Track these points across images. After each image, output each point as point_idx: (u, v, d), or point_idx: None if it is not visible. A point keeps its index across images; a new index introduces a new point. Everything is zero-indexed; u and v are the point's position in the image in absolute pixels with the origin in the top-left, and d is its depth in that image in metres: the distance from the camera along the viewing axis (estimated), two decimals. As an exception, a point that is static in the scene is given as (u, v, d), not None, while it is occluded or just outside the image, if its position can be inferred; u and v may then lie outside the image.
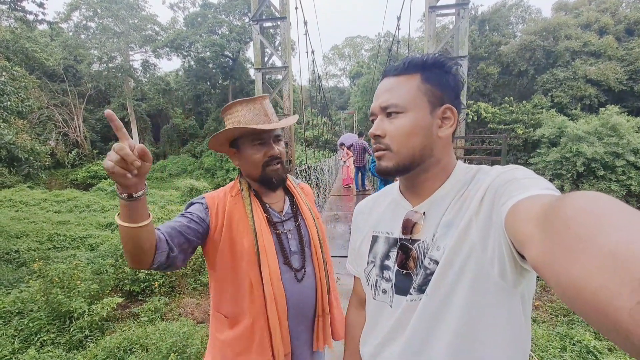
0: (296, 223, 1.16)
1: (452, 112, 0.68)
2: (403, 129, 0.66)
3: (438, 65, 0.68)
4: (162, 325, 3.67)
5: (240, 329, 1.03)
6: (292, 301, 1.06)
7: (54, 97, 22.16)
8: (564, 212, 0.35)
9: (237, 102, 1.09)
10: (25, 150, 6.02)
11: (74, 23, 24.34)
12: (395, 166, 0.68)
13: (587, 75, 18.56)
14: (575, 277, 0.30)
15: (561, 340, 3.33)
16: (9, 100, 6.08)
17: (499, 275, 0.56)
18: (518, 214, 0.46)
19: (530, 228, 0.41)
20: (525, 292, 0.61)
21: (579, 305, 0.30)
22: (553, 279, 0.34)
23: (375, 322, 0.76)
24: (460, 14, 4.79)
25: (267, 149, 1.08)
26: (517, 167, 0.59)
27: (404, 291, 0.68)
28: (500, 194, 0.54)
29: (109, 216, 10.98)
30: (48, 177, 17.87)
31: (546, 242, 0.37)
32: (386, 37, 37.80)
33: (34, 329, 3.71)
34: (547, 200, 0.42)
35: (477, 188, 0.62)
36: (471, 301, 0.59)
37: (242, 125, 1.04)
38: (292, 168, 5.10)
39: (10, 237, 7.60)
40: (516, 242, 0.46)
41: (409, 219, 0.70)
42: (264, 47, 5.06)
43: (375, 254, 0.77)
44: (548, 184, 0.50)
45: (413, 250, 0.68)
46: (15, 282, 5.29)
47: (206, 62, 25.57)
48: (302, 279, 1.10)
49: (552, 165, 15.62)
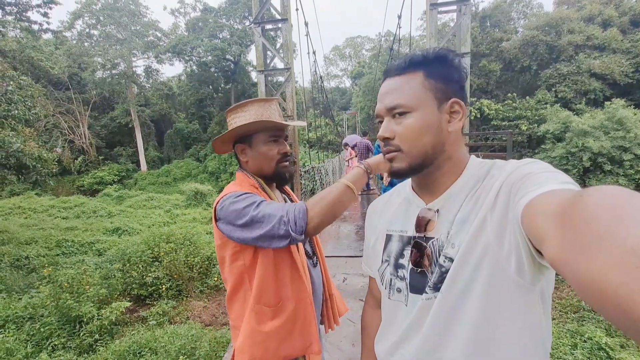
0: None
1: (460, 106, 0.67)
2: (412, 128, 0.65)
3: (440, 59, 0.67)
4: (171, 329, 3.70)
5: (285, 316, 1.07)
6: (314, 285, 1.15)
7: (60, 105, 22.42)
8: (583, 208, 0.35)
9: (253, 100, 1.12)
10: (32, 157, 6.09)
11: (78, 31, 24.64)
12: (408, 167, 0.67)
13: (592, 69, 18.37)
14: (595, 274, 0.30)
15: (572, 337, 3.30)
16: (17, 109, 6.16)
17: (516, 272, 0.55)
18: (535, 209, 0.45)
19: (548, 224, 0.41)
20: (545, 290, 0.60)
21: (598, 302, 0.30)
22: (572, 276, 0.34)
23: (391, 321, 0.76)
24: (461, 11, 4.76)
25: (280, 146, 1.13)
26: (534, 160, 0.58)
27: (419, 290, 0.68)
28: (517, 189, 0.53)
29: (116, 221, 11.07)
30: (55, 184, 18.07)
31: (564, 239, 0.36)
32: (387, 36, 37.74)
33: (45, 333, 3.76)
34: (566, 196, 0.41)
35: (492, 183, 0.61)
36: (488, 299, 0.58)
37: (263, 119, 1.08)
38: (297, 169, 5.10)
39: (20, 243, 7.69)
40: (533, 238, 0.46)
41: (423, 216, 0.69)
42: (266, 49, 5.08)
43: (389, 252, 0.76)
44: (566, 178, 0.49)
45: (427, 248, 0.67)
46: (26, 288, 5.36)
47: (208, 66, 25.71)
48: (316, 265, 1.21)
49: (558, 160, 15.47)
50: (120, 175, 23.19)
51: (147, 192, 18.74)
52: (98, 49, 23.94)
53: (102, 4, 24.14)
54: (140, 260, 5.43)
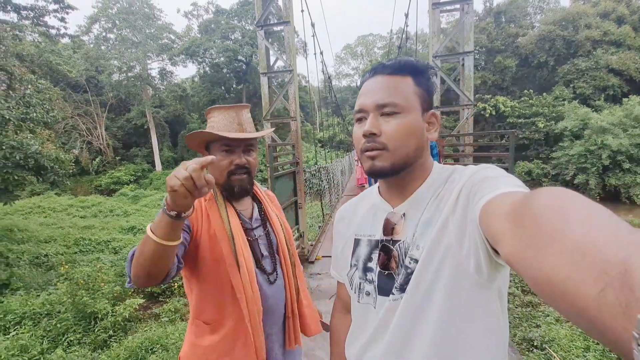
0: (265, 230, 1.19)
1: (436, 118, 0.71)
2: (402, 128, 0.66)
3: (425, 71, 0.70)
4: (182, 326, 3.77)
5: (223, 332, 1.05)
6: (267, 303, 1.09)
7: (78, 107, 23.09)
8: (533, 209, 0.37)
9: (216, 107, 1.12)
10: (50, 159, 6.31)
11: (95, 35, 25.33)
12: (391, 166, 0.67)
13: (609, 65, 17.80)
14: (545, 269, 0.32)
15: (585, 340, 3.21)
16: (35, 112, 6.40)
17: (475, 271, 0.58)
18: (490, 211, 0.48)
19: (502, 224, 0.43)
20: (502, 287, 0.63)
21: (549, 295, 0.32)
22: (525, 272, 0.36)
23: (360, 325, 0.77)
24: (464, 9, 4.70)
25: (234, 157, 1.08)
26: (489, 166, 0.61)
27: (386, 291, 0.69)
28: (474, 193, 0.56)
29: (131, 220, 11.34)
30: (74, 184, 18.65)
31: (517, 238, 0.38)
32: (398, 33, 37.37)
33: (61, 329, 3.88)
34: (517, 198, 0.44)
35: (453, 187, 0.64)
36: (450, 297, 0.61)
37: (215, 131, 1.06)
38: (300, 170, 5.12)
39: (39, 242, 7.98)
40: (490, 238, 0.48)
41: (389, 220, 0.72)
42: (269, 51, 5.13)
43: (357, 257, 0.77)
44: (518, 182, 0.52)
45: (394, 251, 0.69)
46: (45, 285, 5.54)
47: (220, 67, 26.05)
48: (274, 282, 1.14)
49: (576, 158, 15.02)
50: (136, 175, 23.72)
51: (162, 192, 19.13)
52: (114, 52, 24.55)
53: (118, 8, 24.73)
54: (153, 258, 5.55)
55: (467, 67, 4.78)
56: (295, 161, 5.06)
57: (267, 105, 5.14)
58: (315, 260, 5.17)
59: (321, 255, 5.03)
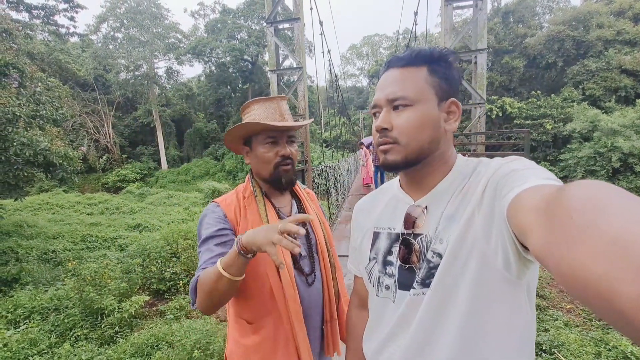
0: (304, 227, 1.12)
1: (457, 106, 0.68)
2: (413, 121, 0.65)
3: (444, 58, 0.67)
4: (187, 323, 3.78)
5: (264, 333, 1.02)
6: (304, 305, 1.04)
7: (86, 106, 23.36)
8: (566, 202, 0.35)
9: (255, 100, 1.09)
10: (59, 156, 6.38)
11: (103, 34, 25.64)
12: (403, 160, 0.67)
13: (622, 65, 17.46)
14: (578, 264, 0.30)
15: (595, 345, 3.15)
16: (45, 109, 6.48)
17: (503, 266, 0.56)
18: (520, 205, 0.46)
19: (532, 218, 0.41)
20: (531, 284, 0.61)
21: (581, 292, 0.30)
22: (555, 268, 0.34)
23: (379, 319, 0.75)
24: (478, 6, 4.66)
25: (279, 148, 1.06)
26: (517, 158, 0.59)
27: (406, 286, 0.68)
28: (502, 186, 0.54)
29: (137, 218, 11.42)
30: (81, 181, 18.87)
31: (548, 232, 0.37)
32: (405, 34, 37.22)
33: (69, 324, 3.92)
34: (549, 191, 0.42)
35: (479, 180, 0.62)
36: (476, 293, 0.59)
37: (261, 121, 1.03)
38: (309, 168, 5.10)
39: (47, 238, 8.07)
40: (518, 233, 0.47)
41: (410, 213, 0.70)
42: (278, 48, 5.12)
43: (377, 250, 0.76)
44: (549, 174, 0.50)
45: (415, 245, 0.68)
46: (53, 281, 5.60)
47: (226, 66, 26.18)
48: (312, 284, 1.08)
49: (585, 161, 14.82)
50: (142, 173, 23.93)
51: (167, 190, 19.27)
52: (122, 51, 24.82)
53: (126, 7, 25.00)
54: (159, 255, 5.58)
55: (479, 64, 4.73)
56: (304, 159, 5.05)
57: (276, 103, 5.11)
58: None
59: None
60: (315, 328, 1.10)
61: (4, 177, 6.03)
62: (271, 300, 1.01)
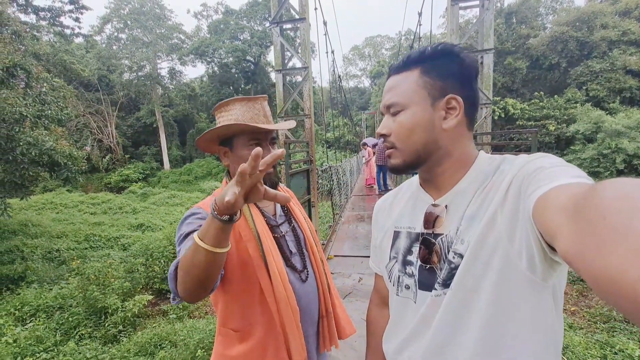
0: (290, 225, 1.13)
1: (457, 102, 0.65)
2: (404, 126, 0.67)
3: (438, 55, 0.66)
4: (190, 323, 3.79)
5: (252, 341, 0.97)
6: (300, 303, 1.02)
7: (90, 106, 23.47)
8: (598, 201, 0.33)
9: (236, 99, 1.04)
10: (64, 155, 6.42)
11: (107, 35, 25.77)
12: (403, 163, 0.69)
13: (627, 66, 17.37)
14: (612, 268, 0.28)
15: (601, 348, 3.13)
16: (50, 109, 6.52)
17: (527, 268, 0.54)
18: (547, 204, 0.44)
19: (561, 218, 0.40)
20: (557, 286, 0.58)
21: (615, 297, 0.29)
22: (587, 271, 0.32)
23: (399, 319, 0.75)
24: (484, 6, 4.63)
25: (263, 151, 1.02)
26: (544, 154, 0.57)
27: (427, 286, 0.67)
28: (527, 184, 0.52)
29: (140, 217, 11.47)
30: (85, 181, 18.94)
31: (578, 233, 0.35)
32: (407, 34, 37.19)
33: (73, 323, 3.94)
34: (578, 190, 0.40)
35: (502, 179, 0.60)
36: (498, 295, 0.58)
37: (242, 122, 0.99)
38: (314, 168, 5.10)
39: (52, 237, 8.12)
40: (545, 233, 0.45)
41: (431, 212, 0.69)
42: (284, 48, 5.11)
43: (397, 249, 0.76)
44: (579, 172, 0.48)
45: (436, 245, 0.66)
46: (57, 279, 5.63)
47: (229, 67, 26.24)
48: (306, 280, 1.07)
49: (588, 162, 14.76)
50: (144, 173, 24.02)
51: (169, 190, 19.33)
52: (125, 52, 24.95)
53: (130, 8, 25.13)
54: (162, 255, 5.60)
55: (486, 65, 4.71)
56: (309, 159, 5.04)
57: (282, 103, 5.13)
58: (327, 259, 5.14)
59: (333, 255, 5.00)
60: (313, 324, 1.09)
61: (11, 176, 6.08)
62: (261, 305, 0.96)
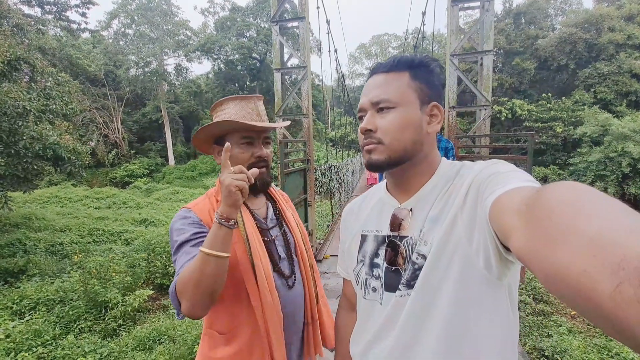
0: (281, 229, 1.12)
1: (439, 110, 0.71)
2: (396, 122, 0.67)
3: (424, 64, 0.71)
4: (189, 318, 3.81)
5: (238, 343, 0.97)
6: (285, 310, 1.01)
7: (96, 101, 23.64)
8: (545, 203, 0.37)
9: (230, 98, 1.05)
10: (68, 150, 6.49)
11: (114, 30, 25.93)
12: (386, 159, 0.69)
13: (633, 70, 17.18)
14: (558, 264, 0.31)
15: (599, 352, 3.11)
16: (55, 104, 6.59)
17: (484, 267, 0.57)
18: (501, 207, 0.48)
19: (513, 220, 0.43)
20: (512, 285, 0.62)
21: (562, 291, 0.31)
22: (537, 268, 0.35)
23: (366, 321, 0.76)
24: (485, 7, 4.60)
25: (255, 149, 1.02)
26: (498, 161, 0.61)
27: (393, 287, 0.69)
28: (484, 188, 0.56)
29: (143, 213, 11.54)
30: (90, 176, 19.11)
31: (529, 233, 0.38)
32: (414, 33, 36.95)
33: (73, 316, 3.98)
34: (528, 193, 0.43)
35: (462, 183, 0.63)
36: (459, 294, 0.60)
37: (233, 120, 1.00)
38: (311, 167, 5.10)
39: (55, 230, 8.20)
40: (500, 234, 0.48)
41: (396, 215, 0.71)
42: (283, 47, 5.13)
43: (364, 252, 0.77)
44: (528, 177, 0.51)
45: (401, 247, 0.69)
46: (59, 273, 5.68)
47: (235, 64, 26.27)
48: (292, 286, 1.06)
49: (595, 165, 14.60)
50: (149, 169, 24.16)
51: (173, 186, 19.45)
52: (132, 48, 25.06)
53: (137, 4, 25.21)
54: (164, 250, 5.64)
55: (485, 66, 4.68)
56: (306, 158, 5.05)
57: (280, 101, 5.14)
58: (323, 258, 5.17)
59: (329, 254, 5.02)
60: (297, 331, 1.08)
61: (14, 170, 6.14)
62: (247, 309, 0.96)
